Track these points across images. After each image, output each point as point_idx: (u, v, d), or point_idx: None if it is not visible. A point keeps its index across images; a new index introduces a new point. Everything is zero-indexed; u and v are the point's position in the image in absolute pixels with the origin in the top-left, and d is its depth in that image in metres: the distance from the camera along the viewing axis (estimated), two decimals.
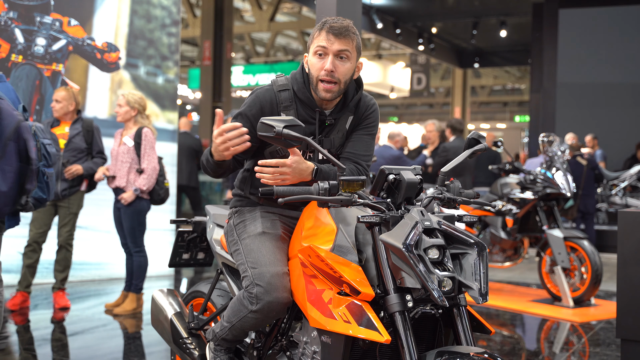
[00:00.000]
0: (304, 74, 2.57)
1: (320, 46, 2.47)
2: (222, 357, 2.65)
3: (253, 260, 2.48)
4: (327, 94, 2.49)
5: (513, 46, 19.79)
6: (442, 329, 2.26)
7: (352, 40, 2.48)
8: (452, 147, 7.75)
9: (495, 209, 2.57)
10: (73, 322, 5.25)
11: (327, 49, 2.46)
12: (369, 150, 2.64)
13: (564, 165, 6.40)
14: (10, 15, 6.41)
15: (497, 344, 4.87)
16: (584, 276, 6.04)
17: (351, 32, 2.48)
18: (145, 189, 5.28)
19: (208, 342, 2.73)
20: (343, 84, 2.51)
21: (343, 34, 2.45)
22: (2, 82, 3.59)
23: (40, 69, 6.58)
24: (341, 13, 4.92)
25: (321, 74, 2.47)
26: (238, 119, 2.53)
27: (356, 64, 2.54)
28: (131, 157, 5.32)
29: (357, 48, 2.52)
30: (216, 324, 2.70)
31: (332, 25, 2.46)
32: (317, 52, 2.48)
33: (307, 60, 2.55)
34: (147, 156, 5.32)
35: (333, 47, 2.46)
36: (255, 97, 2.55)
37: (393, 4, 15.63)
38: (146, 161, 5.31)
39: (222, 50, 14.91)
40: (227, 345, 2.66)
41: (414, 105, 33.12)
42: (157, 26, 7.54)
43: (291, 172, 2.37)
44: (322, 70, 2.47)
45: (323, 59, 2.48)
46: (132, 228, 5.37)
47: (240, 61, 23.72)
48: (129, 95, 5.37)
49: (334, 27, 2.46)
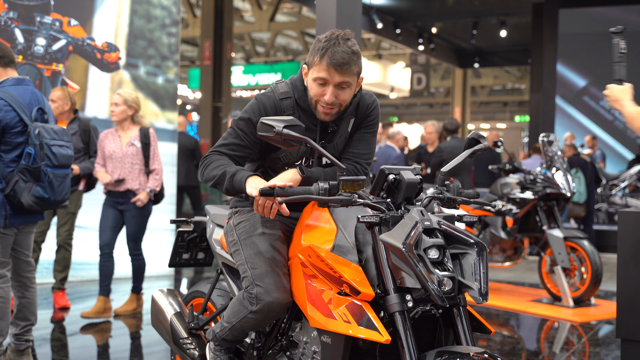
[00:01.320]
0: (304, 81, 2.55)
1: (321, 77, 2.41)
2: (222, 357, 2.65)
3: (253, 261, 2.48)
4: (326, 117, 2.49)
5: (513, 46, 19.78)
6: (442, 329, 2.26)
7: (353, 70, 2.42)
8: (447, 147, 7.74)
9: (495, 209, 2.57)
10: (73, 322, 5.25)
11: (328, 81, 2.41)
12: (370, 148, 2.64)
13: (564, 165, 6.40)
14: (10, 15, 6.41)
15: (497, 344, 4.87)
16: (584, 276, 6.04)
17: (352, 63, 2.40)
18: (158, 189, 5.32)
19: (208, 342, 2.73)
20: (344, 106, 2.50)
21: (343, 68, 2.39)
22: (23, 85, 3.72)
23: (40, 69, 6.57)
24: (341, 13, 4.91)
25: (321, 100, 2.44)
26: (240, 124, 2.52)
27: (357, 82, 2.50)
28: (140, 159, 5.27)
29: (358, 73, 2.46)
30: (216, 324, 2.70)
31: (333, 57, 2.37)
32: (317, 80, 2.43)
33: (307, 79, 2.50)
34: (156, 157, 5.33)
35: (334, 80, 2.41)
36: (259, 102, 2.52)
37: (393, 4, 15.63)
38: (156, 162, 5.32)
39: (222, 50, 14.91)
40: (227, 345, 2.65)
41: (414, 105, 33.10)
42: (157, 26, 7.54)
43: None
44: (321, 97, 2.44)
45: (323, 87, 2.43)
46: (137, 232, 5.32)
47: (240, 61, 23.71)
48: (125, 94, 5.26)
49: (336, 61, 2.37)
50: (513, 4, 15.27)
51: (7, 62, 3.73)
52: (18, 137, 3.63)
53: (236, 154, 2.51)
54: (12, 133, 3.61)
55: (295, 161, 2.57)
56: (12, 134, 3.61)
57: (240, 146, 2.51)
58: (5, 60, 3.71)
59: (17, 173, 3.61)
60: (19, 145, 3.64)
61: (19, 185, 3.60)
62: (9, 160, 3.63)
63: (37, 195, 3.62)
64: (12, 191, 3.59)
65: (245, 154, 2.53)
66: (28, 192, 3.61)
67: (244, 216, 2.65)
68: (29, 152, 3.61)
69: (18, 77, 3.77)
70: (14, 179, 3.60)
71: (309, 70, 2.49)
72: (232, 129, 2.53)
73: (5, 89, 3.65)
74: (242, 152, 2.52)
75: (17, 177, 3.61)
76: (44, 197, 3.64)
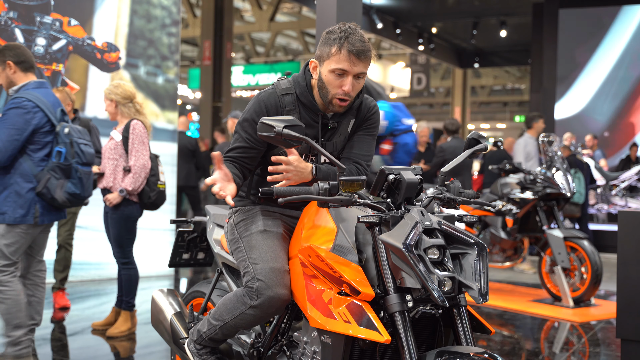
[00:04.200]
0: (306, 77, 2.54)
1: (340, 69, 2.40)
2: (209, 358, 2.65)
3: (254, 256, 2.48)
4: (341, 108, 2.49)
5: (513, 46, 19.78)
6: (442, 329, 2.26)
7: (370, 58, 2.44)
8: (449, 147, 7.77)
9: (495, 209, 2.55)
10: (73, 322, 5.25)
11: (348, 72, 2.41)
12: (369, 150, 2.65)
13: (564, 165, 6.40)
14: (10, 15, 6.41)
15: (497, 344, 4.87)
16: (584, 276, 6.04)
17: (370, 51, 2.43)
18: (132, 189, 4.59)
19: (188, 344, 2.71)
20: (355, 96, 2.51)
21: (365, 55, 2.40)
22: (44, 88, 3.89)
23: (40, 69, 6.57)
24: (341, 13, 4.92)
25: (339, 92, 2.44)
26: (244, 125, 2.53)
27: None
28: (119, 154, 4.67)
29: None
30: (201, 322, 2.68)
31: (354, 45, 2.38)
32: (335, 71, 2.42)
33: (316, 73, 2.50)
34: (135, 152, 4.61)
35: (354, 70, 2.41)
36: (260, 101, 2.53)
37: (393, 4, 15.63)
38: (134, 157, 4.61)
39: (222, 50, 14.91)
40: (213, 345, 2.65)
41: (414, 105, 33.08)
42: (157, 26, 7.54)
43: (294, 169, 2.37)
44: (339, 89, 2.43)
45: (341, 77, 2.42)
46: (118, 236, 4.69)
47: (240, 61, 23.71)
48: (105, 89, 4.81)
49: (357, 48, 2.38)
50: (513, 4, 15.28)
51: (28, 67, 3.88)
52: (46, 137, 3.79)
53: (244, 156, 2.53)
54: (41, 133, 3.77)
55: None
56: (41, 133, 3.77)
57: (246, 148, 2.53)
58: (26, 65, 3.86)
59: (48, 171, 3.77)
60: (46, 144, 3.80)
61: (52, 183, 3.76)
62: (39, 159, 3.78)
63: (70, 191, 3.79)
64: (45, 189, 3.74)
65: (253, 154, 2.54)
66: (61, 189, 3.78)
67: (245, 215, 2.65)
68: (59, 151, 3.79)
69: (38, 80, 3.92)
70: (46, 176, 3.76)
71: (321, 64, 2.48)
72: (237, 132, 2.56)
73: (30, 91, 3.79)
74: (250, 154, 2.54)
75: (49, 175, 3.77)
76: (76, 193, 3.82)
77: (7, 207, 3.69)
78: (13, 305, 3.70)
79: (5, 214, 3.69)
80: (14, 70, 3.81)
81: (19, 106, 3.68)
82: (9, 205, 3.69)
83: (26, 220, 3.72)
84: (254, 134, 2.51)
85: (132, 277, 4.78)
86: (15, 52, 3.80)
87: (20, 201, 3.71)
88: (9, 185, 3.71)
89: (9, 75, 3.82)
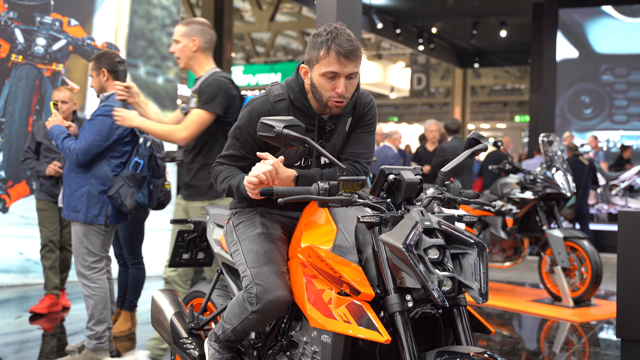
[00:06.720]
0: (299, 81, 2.51)
1: (331, 71, 2.37)
2: (225, 355, 2.65)
3: (252, 260, 2.48)
4: (339, 110, 2.46)
5: (513, 46, 19.78)
6: (442, 329, 2.26)
7: (360, 57, 2.41)
8: (450, 147, 7.76)
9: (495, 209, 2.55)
10: (73, 322, 5.25)
11: (340, 73, 2.38)
12: (369, 148, 2.63)
13: (564, 165, 6.40)
14: (10, 15, 6.41)
15: (497, 344, 4.87)
16: (584, 276, 6.04)
17: (359, 50, 2.40)
18: None
19: (208, 342, 2.71)
20: (351, 97, 2.48)
21: (354, 55, 2.37)
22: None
23: (40, 69, 6.58)
24: (341, 13, 4.91)
25: (333, 95, 2.41)
26: (237, 133, 2.53)
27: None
28: None
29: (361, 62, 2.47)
30: (217, 325, 2.69)
31: (341, 46, 2.35)
32: (326, 75, 2.39)
33: (307, 78, 2.46)
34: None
35: (345, 71, 2.38)
36: (252, 109, 2.50)
37: (393, 4, 15.63)
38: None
39: (222, 50, 14.90)
40: (231, 345, 2.66)
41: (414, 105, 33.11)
42: (157, 26, 7.54)
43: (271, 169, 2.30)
44: (333, 92, 2.40)
45: (333, 80, 2.39)
46: (128, 237, 4.80)
47: (240, 61, 23.71)
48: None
49: (345, 49, 2.35)
50: (513, 4, 15.28)
51: (115, 77, 3.98)
52: (126, 146, 3.98)
53: (236, 164, 2.56)
54: (122, 142, 3.95)
55: (294, 162, 2.57)
56: (122, 143, 3.95)
57: (237, 157, 2.55)
58: (114, 75, 3.97)
59: (122, 178, 3.91)
60: (125, 153, 3.98)
61: (124, 189, 3.89)
62: (115, 165, 3.94)
63: (140, 200, 3.94)
64: (117, 194, 3.88)
65: (245, 164, 2.55)
66: (131, 197, 3.90)
67: (244, 217, 2.65)
68: (137, 162, 3.94)
69: None
70: (119, 182, 3.90)
71: (311, 68, 2.45)
72: (230, 138, 2.56)
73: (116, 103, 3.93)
74: (241, 162, 2.56)
75: (123, 182, 3.90)
76: (144, 204, 3.97)
77: (82, 206, 3.85)
78: (100, 301, 3.91)
79: (80, 212, 3.85)
80: (107, 77, 3.97)
81: (107, 114, 3.86)
82: (83, 204, 3.85)
83: (98, 220, 3.87)
84: (245, 142, 2.51)
85: (139, 277, 4.83)
86: (111, 62, 3.95)
87: (93, 201, 3.86)
88: (84, 186, 3.87)
89: (101, 82, 3.99)
